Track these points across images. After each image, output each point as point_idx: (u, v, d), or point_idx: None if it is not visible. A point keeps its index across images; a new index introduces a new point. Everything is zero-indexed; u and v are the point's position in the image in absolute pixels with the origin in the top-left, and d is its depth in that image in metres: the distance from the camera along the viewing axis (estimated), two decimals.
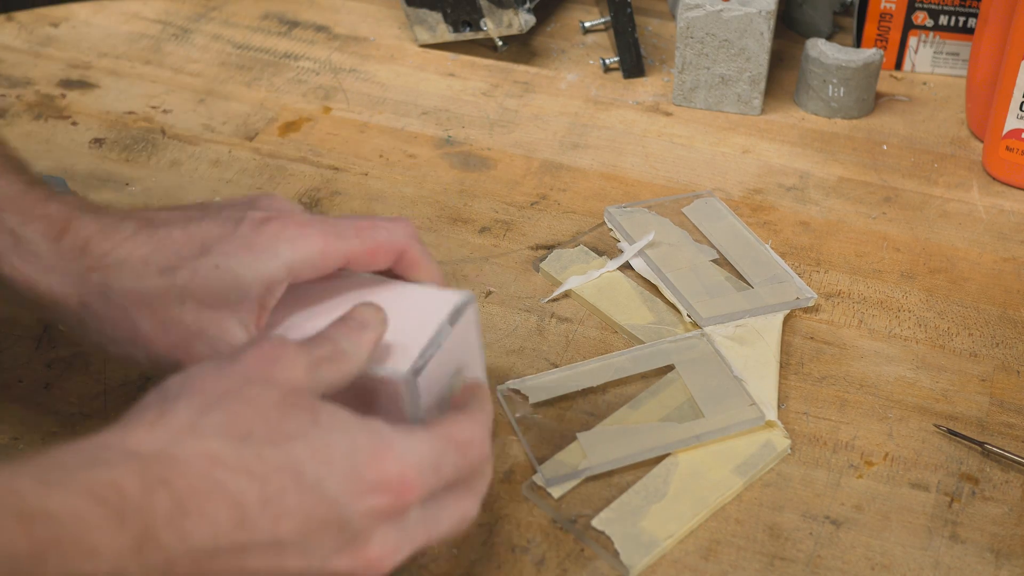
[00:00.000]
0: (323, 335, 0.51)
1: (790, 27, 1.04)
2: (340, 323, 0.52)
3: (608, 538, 0.60)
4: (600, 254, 0.78)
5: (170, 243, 0.54)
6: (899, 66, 1.00)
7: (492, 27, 0.95)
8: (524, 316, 0.74)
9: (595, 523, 0.60)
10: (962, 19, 0.96)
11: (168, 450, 0.44)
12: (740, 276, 0.76)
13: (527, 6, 0.95)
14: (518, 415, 0.67)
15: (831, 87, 0.92)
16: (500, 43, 0.98)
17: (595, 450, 0.64)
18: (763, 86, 0.92)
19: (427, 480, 0.48)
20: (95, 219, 0.55)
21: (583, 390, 0.68)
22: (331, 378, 0.50)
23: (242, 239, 0.53)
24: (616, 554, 0.59)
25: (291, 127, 0.90)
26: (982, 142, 0.91)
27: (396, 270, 0.58)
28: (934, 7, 0.96)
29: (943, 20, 0.97)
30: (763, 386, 0.68)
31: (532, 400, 0.67)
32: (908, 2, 0.96)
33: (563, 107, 0.94)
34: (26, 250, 0.54)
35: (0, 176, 0.56)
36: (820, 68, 0.92)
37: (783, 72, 0.99)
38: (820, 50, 0.92)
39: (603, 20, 1.02)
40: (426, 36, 0.98)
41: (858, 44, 0.99)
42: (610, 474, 0.64)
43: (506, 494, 0.63)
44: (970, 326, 0.75)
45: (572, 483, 0.63)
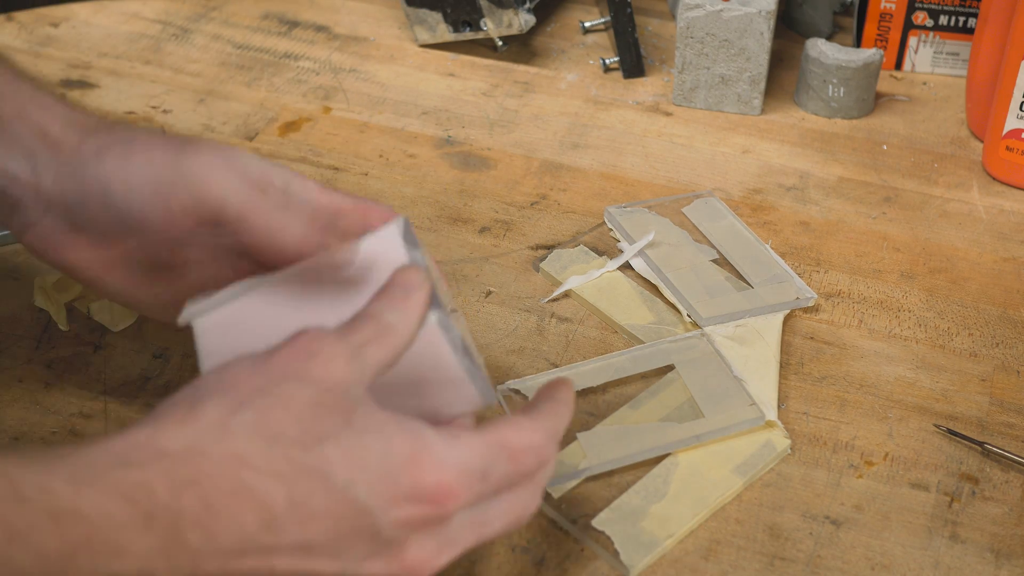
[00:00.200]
0: (364, 313, 0.49)
1: (790, 27, 1.04)
2: (382, 295, 0.50)
3: (608, 538, 0.60)
4: (600, 254, 0.78)
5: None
6: (899, 66, 1.00)
7: (492, 27, 0.95)
8: (524, 316, 0.74)
9: (595, 523, 0.60)
10: (962, 19, 0.96)
11: (196, 448, 0.43)
12: (740, 276, 0.76)
13: (527, 6, 0.95)
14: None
15: (831, 87, 0.92)
16: (500, 43, 0.98)
17: (595, 450, 0.64)
18: (763, 86, 0.92)
19: (472, 488, 0.47)
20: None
21: (583, 390, 0.68)
22: (379, 359, 0.48)
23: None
24: (616, 554, 0.59)
25: (291, 127, 0.90)
26: (982, 142, 0.91)
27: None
28: (934, 7, 0.96)
29: (943, 20, 0.97)
30: (763, 386, 0.68)
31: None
32: (908, 2, 0.96)
33: (563, 107, 0.94)
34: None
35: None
36: (820, 68, 0.92)
37: (783, 72, 0.99)
38: (820, 50, 0.92)
39: (603, 20, 1.02)
40: (426, 36, 0.98)
41: (858, 44, 0.99)
42: (610, 474, 0.64)
43: None
44: (970, 326, 0.75)
45: (572, 483, 0.63)
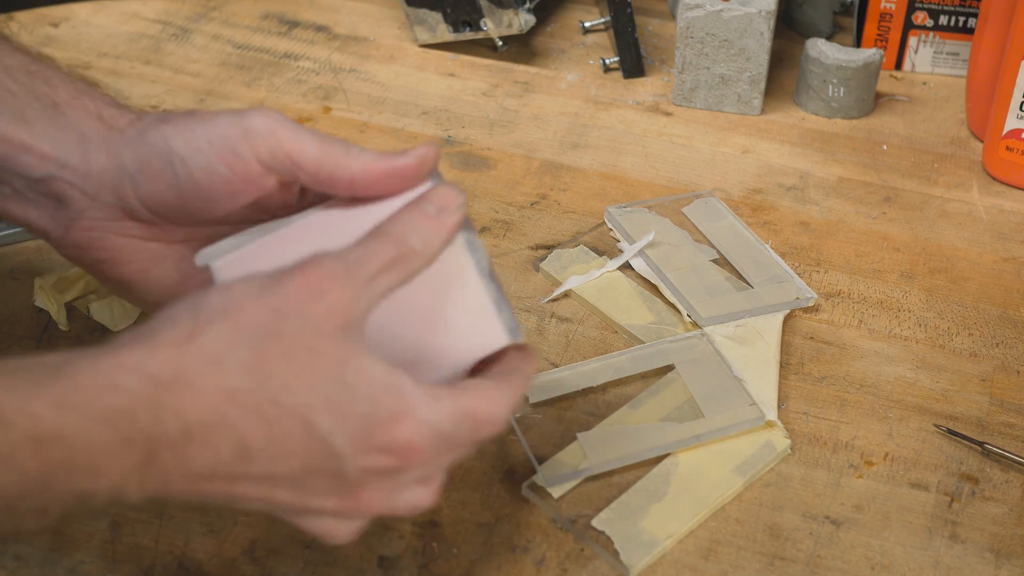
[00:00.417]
0: (388, 232, 0.48)
1: (790, 27, 1.04)
2: (413, 211, 0.49)
3: (608, 538, 0.60)
4: (600, 254, 0.78)
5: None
6: (899, 66, 1.00)
7: (492, 27, 0.95)
8: (524, 316, 0.74)
9: (595, 523, 0.60)
10: (962, 19, 0.96)
11: (186, 378, 0.44)
12: (740, 276, 0.76)
13: (527, 6, 0.95)
14: (518, 415, 0.67)
15: (831, 87, 0.92)
16: (500, 43, 0.98)
17: (595, 450, 0.64)
18: (763, 86, 0.92)
19: (436, 449, 0.48)
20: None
21: (583, 390, 0.68)
22: (389, 286, 0.48)
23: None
24: (616, 554, 0.59)
25: None
26: (982, 142, 0.91)
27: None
28: (934, 7, 0.96)
29: (943, 20, 0.97)
30: (763, 386, 0.68)
31: (532, 400, 0.67)
32: (908, 2, 0.96)
33: (563, 107, 0.94)
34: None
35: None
36: (820, 68, 0.92)
37: (783, 72, 0.99)
38: (820, 50, 0.92)
39: (603, 20, 1.02)
40: (426, 36, 0.98)
41: (858, 44, 0.99)
42: (610, 474, 0.64)
43: (506, 494, 0.63)
44: (970, 326, 0.75)
45: (572, 483, 0.63)
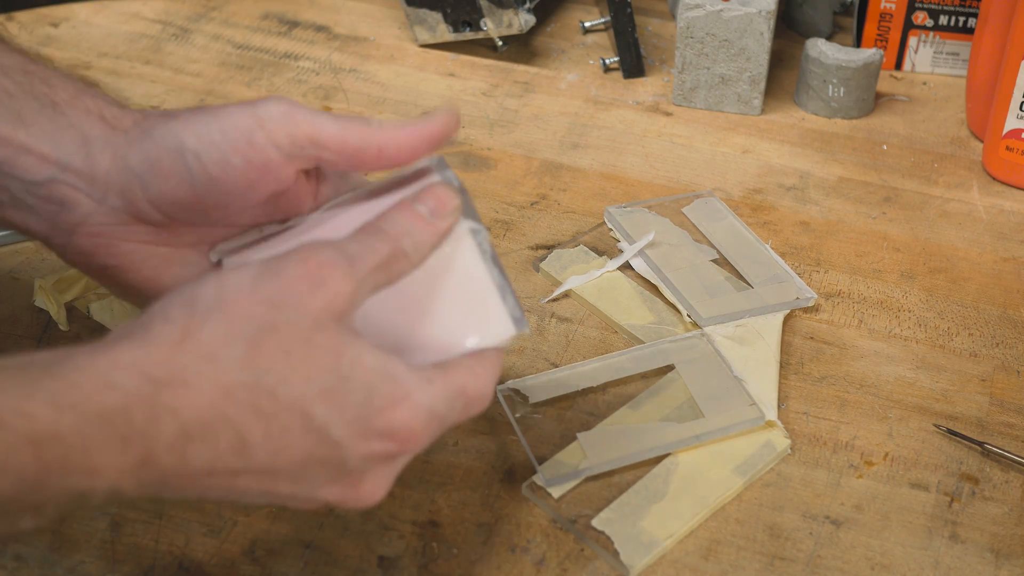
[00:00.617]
0: (384, 230, 0.49)
1: (790, 27, 1.04)
2: (409, 211, 0.50)
3: (608, 538, 0.60)
4: (600, 254, 0.78)
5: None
6: (899, 66, 1.00)
7: (492, 27, 0.95)
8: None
9: (595, 523, 0.60)
10: (962, 19, 0.96)
11: (183, 377, 0.44)
12: (740, 276, 0.76)
13: (527, 6, 0.95)
14: (518, 415, 0.67)
15: (831, 87, 0.92)
16: (500, 43, 0.98)
17: (595, 450, 0.64)
18: (763, 86, 0.92)
19: (433, 430, 0.49)
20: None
21: (583, 390, 0.68)
22: (378, 284, 0.48)
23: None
24: (616, 554, 0.59)
25: None
26: (982, 142, 0.91)
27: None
28: (934, 7, 0.96)
29: (943, 20, 0.97)
30: (763, 386, 0.68)
31: (532, 400, 0.67)
32: (908, 2, 0.96)
33: (563, 107, 0.94)
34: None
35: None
36: (820, 68, 0.92)
37: (783, 72, 0.99)
38: (820, 50, 0.92)
39: (603, 20, 1.02)
40: (426, 36, 0.98)
41: (858, 44, 0.99)
42: (610, 474, 0.64)
43: (506, 494, 0.63)
44: (970, 326, 0.75)
45: (572, 483, 0.63)
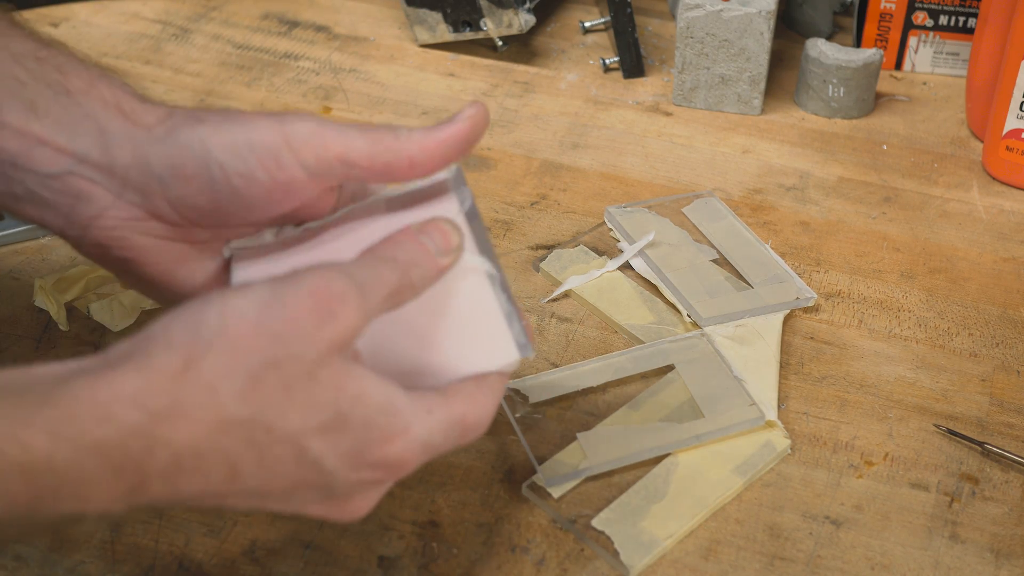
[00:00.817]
0: (395, 262, 0.49)
1: (790, 27, 1.04)
2: (419, 244, 0.50)
3: (608, 538, 0.60)
4: (600, 254, 0.78)
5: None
6: (899, 66, 1.00)
7: (492, 27, 0.95)
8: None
9: (595, 523, 0.60)
10: (962, 19, 0.96)
11: (180, 407, 0.43)
12: (740, 276, 0.76)
13: (527, 6, 0.95)
14: (518, 415, 0.67)
15: (831, 87, 0.92)
16: (500, 43, 0.98)
17: (595, 450, 0.64)
18: (763, 86, 0.92)
19: (424, 460, 0.49)
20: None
21: (583, 390, 0.68)
22: (383, 311, 0.48)
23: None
24: (616, 554, 0.59)
25: None
26: (982, 142, 0.91)
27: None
28: (934, 7, 0.96)
29: (943, 20, 0.97)
30: (763, 386, 0.68)
31: (532, 400, 0.67)
32: (908, 2, 0.96)
33: (563, 107, 0.94)
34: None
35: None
36: (820, 68, 0.92)
37: (783, 72, 0.99)
38: (820, 50, 0.92)
39: (603, 20, 1.02)
40: (426, 36, 0.98)
41: (858, 44, 0.99)
42: (610, 474, 0.64)
43: (506, 494, 0.63)
44: (970, 326, 0.75)
45: (572, 483, 0.63)
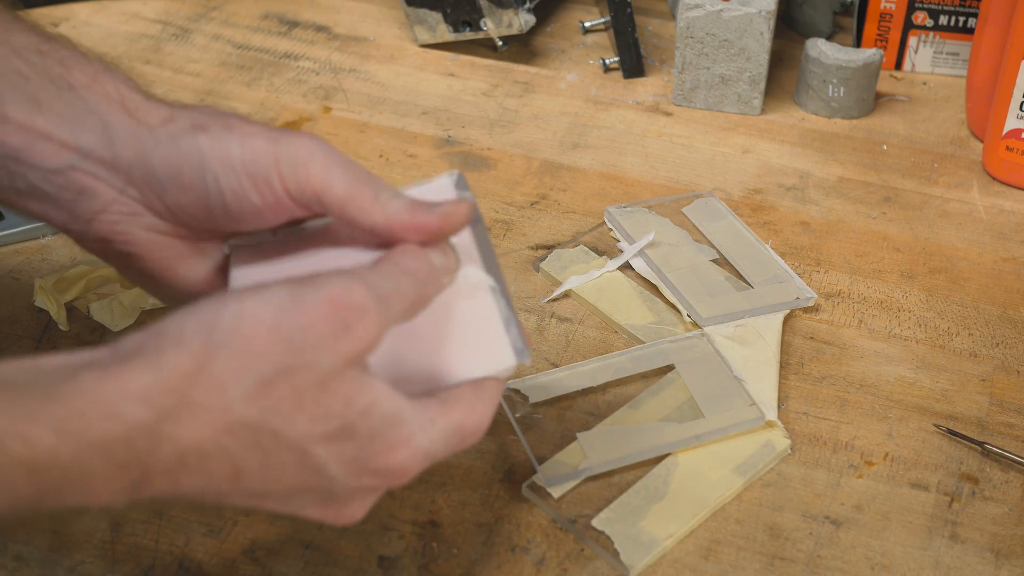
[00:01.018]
0: (413, 277, 0.49)
1: (790, 27, 1.04)
2: (428, 263, 0.50)
3: (608, 538, 0.60)
4: (600, 254, 0.78)
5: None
6: (899, 66, 1.00)
7: (492, 27, 0.95)
8: (524, 316, 0.74)
9: (595, 523, 0.60)
10: (962, 19, 0.96)
11: (188, 408, 0.43)
12: (740, 276, 0.76)
13: (527, 6, 0.95)
14: (518, 415, 0.67)
15: (831, 87, 0.92)
16: (500, 43, 0.98)
17: (595, 450, 0.64)
18: (763, 86, 0.92)
19: (423, 467, 0.49)
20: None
21: (583, 390, 0.68)
22: (398, 323, 0.48)
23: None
24: (616, 554, 0.59)
25: (291, 127, 0.90)
26: (982, 142, 0.91)
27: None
28: (934, 7, 0.96)
29: (943, 20, 0.97)
30: (763, 386, 0.68)
31: (532, 400, 0.67)
32: (908, 2, 0.96)
33: (563, 107, 0.94)
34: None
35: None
36: (820, 68, 0.92)
37: (783, 72, 0.99)
38: (820, 50, 0.92)
39: (603, 20, 1.02)
40: (426, 36, 0.98)
41: (858, 44, 0.99)
42: (610, 474, 0.64)
43: (506, 494, 0.63)
44: (970, 326, 0.75)
45: (572, 483, 0.63)
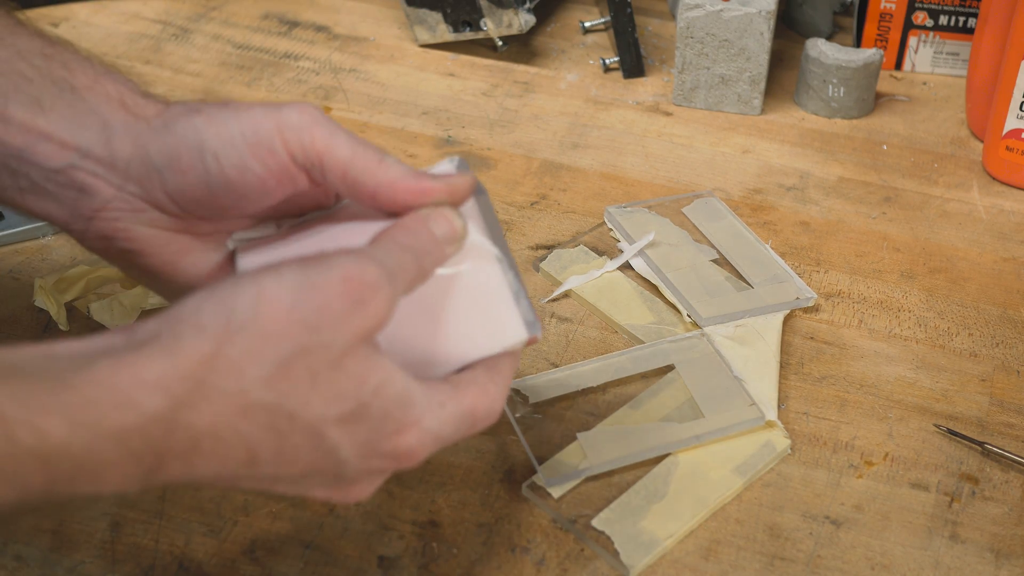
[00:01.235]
0: (414, 251, 0.49)
1: (790, 27, 1.04)
2: (430, 234, 0.50)
3: (608, 538, 0.60)
4: (600, 254, 0.78)
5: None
6: (899, 66, 1.00)
7: (492, 27, 0.95)
8: None
9: (595, 523, 0.60)
10: (962, 19, 0.96)
11: (204, 391, 0.43)
12: (740, 276, 0.76)
13: (527, 6, 0.95)
14: (518, 415, 0.67)
15: (831, 87, 0.92)
16: (500, 43, 0.98)
17: (595, 450, 0.64)
18: (763, 86, 0.92)
19: (433, 451, 0.49)
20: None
21: (583, 390, 0.68)
22: (400, 297, 0.48)
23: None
24: (616, 554, 0.59)
25: None
26: (982, 142, 0.91)
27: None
28: (934, 7, 0.96)
29: (943, 20, 0.97)
30: (763, 386, 0.68)
31: (532, 400, 0.67)
32: (908, 2, 0.96)
33: (563, 107, 0.94)
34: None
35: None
36: (820, 68, 0.92)
37: (783, 72, 0.99)
38: (820, 50, 0.92)
39: (603, 20, 1.02)
40: (426, 36, 0.98)
41: (858, 44, 0.99)
42: (610, 474, 0.64)
43: (506, 494, 0.63)
44: (970, 326, 0.75)
45: (572, 483, 0.63)
